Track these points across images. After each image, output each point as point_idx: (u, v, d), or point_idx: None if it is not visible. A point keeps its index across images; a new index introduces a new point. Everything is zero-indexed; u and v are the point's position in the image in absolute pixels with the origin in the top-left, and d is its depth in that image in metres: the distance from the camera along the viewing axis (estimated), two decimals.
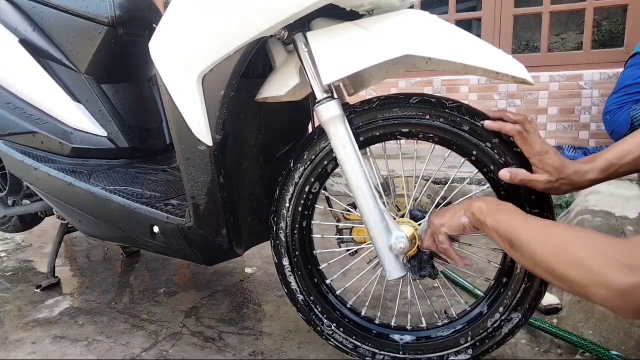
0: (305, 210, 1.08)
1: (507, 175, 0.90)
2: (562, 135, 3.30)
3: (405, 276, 0.97)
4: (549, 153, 0.87)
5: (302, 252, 1.10)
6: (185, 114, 1.00)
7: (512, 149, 0.91)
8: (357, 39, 0.88)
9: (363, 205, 0.95)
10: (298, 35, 0.94)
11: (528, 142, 0.88)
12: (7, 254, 2.12)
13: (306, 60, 0.94)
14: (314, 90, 0.95)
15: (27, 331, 1.39)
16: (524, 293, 0.97)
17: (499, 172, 0.91)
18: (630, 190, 2.14)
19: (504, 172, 0.90)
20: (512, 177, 0.90)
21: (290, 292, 1.12)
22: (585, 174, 0.87)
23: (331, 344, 1.11)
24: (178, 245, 1.19)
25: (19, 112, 1.48)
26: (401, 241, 0.95)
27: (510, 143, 0.91)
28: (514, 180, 0.90)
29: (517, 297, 0.97)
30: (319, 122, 1.07)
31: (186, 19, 0.96)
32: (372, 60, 0.85)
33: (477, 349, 1.01)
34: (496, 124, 0.90)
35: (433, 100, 0.96)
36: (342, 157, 0.94)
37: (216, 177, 1.05)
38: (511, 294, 0.98)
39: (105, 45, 1.46)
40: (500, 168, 0.92)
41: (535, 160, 0.88)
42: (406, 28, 0.87)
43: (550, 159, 0.87)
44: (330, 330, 1.10)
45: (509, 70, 0.83)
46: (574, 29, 7.91)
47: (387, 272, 0.96)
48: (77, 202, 1.36)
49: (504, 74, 0.84)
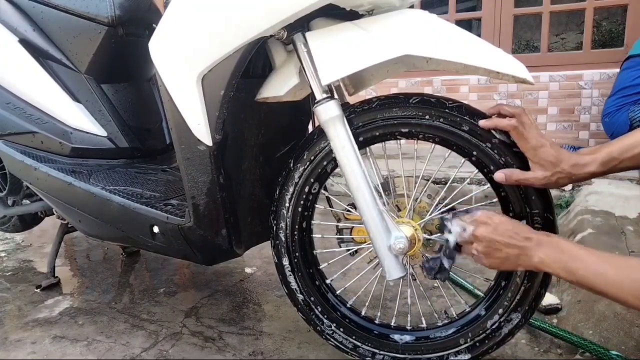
0: (306, 210, 1.08)
1: (502, 176, 0.90)
2: (562, 135, 3.30)
3: (405, 277, 0.97)
4: (544, 146, 0.86)
5: (302, 252, 1.10)
6: (185, 114, 1.00)
7: (512, 149, 0.91)
8: (357, 39, 0.88)
9: (362, 205, 0.95)
10: (297, 35, 0.93)
11: (524, 137, 0.87)
12: (7, 254, 2.12)
13: (305, 60, 0.93)
14: (313, 91, 0.95)
15: (27, 331, 1.39)
16: (524, 294, 0.97)
17: (495, 175, 0.91)
18: (630, 190, 2.14)
19: (498, 174, 0.90)
20: (507, 178, 0.89)
21: (291, 292, 1.12)
22: (585, 167, 0.86)
23: (331, 343, 1.11)
24: (178, 246, 1.19)
25: (19, 112, 1.48)
26: (400, 241, 0.94)
27: (509, 144, 0.91)
28: (510, 181, 0.89)
29: (516, 299, 0.97)
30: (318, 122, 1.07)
31: (186, 19, 0.96)
32: (371, 61, 0.85)
33: (477, 350, 1.01)
34: (490, 122, 0.90)
35: (433, 100, 0.96)
36: (342, 157, 0.94)
37: (216, 177, 1.05)
38: (511, 295, 0.98)
39: (105, 45, 1.46)
40: (501, 168, 0.91)
41: (530, 155, 0.87)
42: (406, 28, 0.87)
43: (545, 152, 0.86)
44: (331, 330, 1.10)
45: (509, 70, 0.83)
46: (574, 29, 7.91)
47: (386, 272, 0.96)
48: (77, 202, 1.36)
49: (504, 73, 0.84)
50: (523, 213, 0.94)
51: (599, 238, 1.60)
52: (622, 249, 1.48)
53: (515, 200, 0.94)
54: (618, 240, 1.57)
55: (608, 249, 1.49)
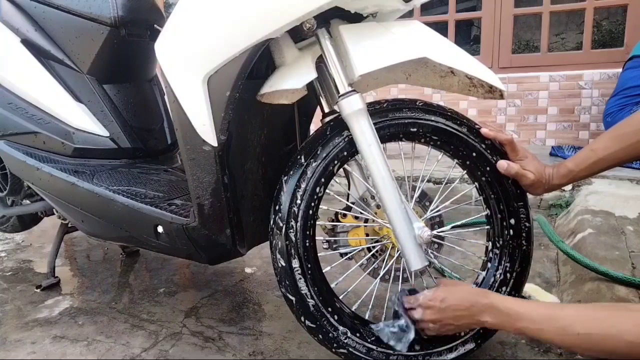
0: (316, 209, 1.04)
1: (505, 165, 1.02)
2: (562, 135, 3.31)
3: (429, 266, 1.01)
4: (528, 158, 1.02)
5: (314, 254, 1.05)
6: (191, 115, 1.00)
7: (500, 150, 1.04)
8: (386, 37, 0.93)
9: (387, 197, 0.96)
10: (321, 30, 0.96)
11: (515, 150, 1.02)
12: (7, 254, 2.11)
13: (330, 54, 0.96)
14: (336, 84, 0.97)
15: (27, 331, 1.39)
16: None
17: (497, 163, 1.03)
18: (630, 190, 2.15)
19: (502, 162, 1.02)
20: (508, 169, 1.02)
21: (301, 297, 1.03)
22: (552, 179, 1.03)
23: (343, 351, 1.04)
24: (182, 245, 1.20)
25: (20, 112, 1.48)
26: (425, 231, 0.98)
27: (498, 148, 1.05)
28: (510, 172, 1.01)
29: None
30: (325, 119, 1.08)
31: (193, 20, 0.96)
32: (400, 58, 0.91)
33: (483, 338, 1.06)
34: (492, 132, 1.03)
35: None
36: (365, 149, 0.96)
37: (221, 178, 1.05)
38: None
39: (107, 45, 1.46)
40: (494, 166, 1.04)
41: (519, 164, 1.03)
42: (420, 35, 0.95)
43: (530, 163, 1.02)
44: (345, 337, 1.04)
45: (495, 82, 0.98)
46: (574, 29, 7.93)
47: (409, 263, 0.97)
48: (80, 203, 1.36)
49: (496, 87, 0.98)
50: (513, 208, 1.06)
51: (599, 238, 1.60)
52: (622, 249, 1.49)
53: (510, 196, 1.05)
54: (618, 240, 1.57)
55: (608, 249, 1.49)
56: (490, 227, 1.10)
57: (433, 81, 1.07)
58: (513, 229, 1.06)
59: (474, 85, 1.01)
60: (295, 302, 1.03)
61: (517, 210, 1.05)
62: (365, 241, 1.12)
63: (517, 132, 3.40)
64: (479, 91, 1.01)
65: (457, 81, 1.03)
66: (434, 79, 1.07)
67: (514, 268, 1.07)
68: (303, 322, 1.04)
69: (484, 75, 0.96)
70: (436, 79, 1.07)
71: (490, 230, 1.10)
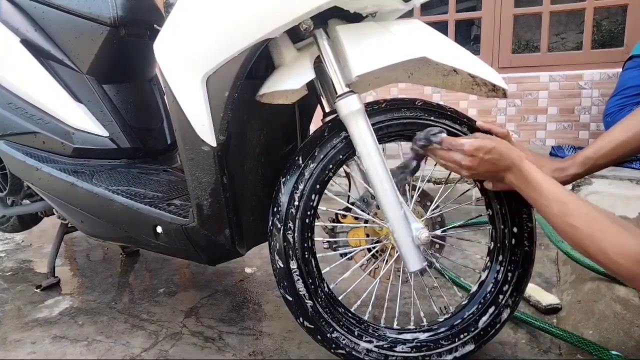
0: (314, 210, 1.04)
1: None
2: (562, 135, 3.30)
3: (430, 266, 1.02)
4: (527, 155, 1.00)
5: (312, 255, 1.04)
6: (190, 115, 1.00)
7: None
8: (385, 37, 0.92)
9: (384, 197, 0.96)
10: (319, 31, 0.95)
11: (513, 145, 0.99)
12: (7, 254, 2.11)
13: (327, 55, 0.96)
14: (334, 85, 0.96)
15: (27, 331, 1.39)
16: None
17: None
18: (630, 190, 2.15)
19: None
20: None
21: (299, 298, 1.03)
22: (566, 170, 1.01)
23: (341, 352, 1.04)
24: (181, 246, 1.20)
25: (20, 112, 1.48)
26: (423, 232, 0.97)
27: None
28: None
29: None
30: (324, 120, 1.08)
31: (192, 20, 0.96)
32: (398, 58, 0.90)
33: (482, 338, 1.06)
34: (488, 125, 1.02)
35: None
36: (363, 150, 0.96)
37: (220, 178, 1.05)
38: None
39: (107, 45, 1.46)
40: None
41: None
42: (420, 35, 0.94)
43: (529, 159, 1.00)
44: (343, 338, 1.04)
45: (499, 82, 0.96)
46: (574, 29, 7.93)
47: (408, 264, 0.97)
48: (80, 203, 1.36)
49: (499, 85, 0.97)
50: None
51: None
52: None
53: (512, 196, 1.02)
54: None
55: None
56: (493, 228, 1.10)
57: (435, 80, 1.06)
58: (515, 229, 1.05)
59: (477, 83, 1.01)
60: (293, 303, 1.03)
61: (519, 210, 1.05)
62: (365, 241, 1.12)
63: (517, 132, 3.40)
64: (482, 90, 1.01)
65: (460, 80, 1.03)
66: (437, 77, 1.06)
67: (516, 268, 1.06)
68: (302, 323, 1.04)
69: (486, 74, 0.96)
70: (439, 77, 1.06)
71: (492, 231, 1.10)
